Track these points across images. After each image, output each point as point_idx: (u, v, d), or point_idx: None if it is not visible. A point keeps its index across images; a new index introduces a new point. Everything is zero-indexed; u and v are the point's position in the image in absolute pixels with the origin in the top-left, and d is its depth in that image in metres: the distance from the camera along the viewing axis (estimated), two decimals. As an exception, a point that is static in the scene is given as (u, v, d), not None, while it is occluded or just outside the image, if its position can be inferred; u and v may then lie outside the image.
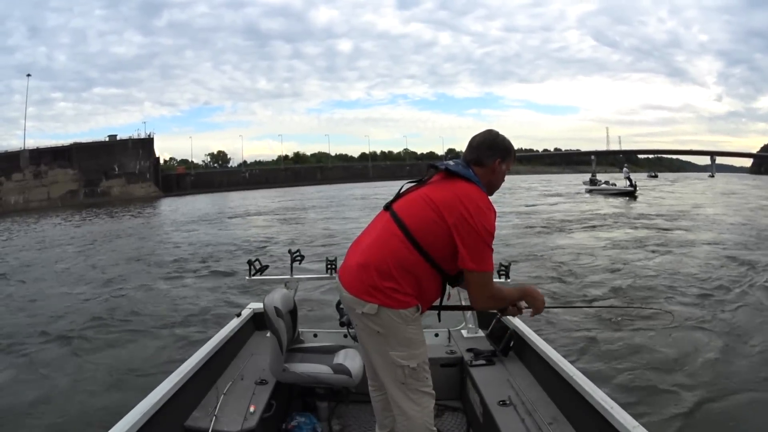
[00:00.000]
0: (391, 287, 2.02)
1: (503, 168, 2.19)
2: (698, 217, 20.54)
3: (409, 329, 2.08)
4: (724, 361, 5.31)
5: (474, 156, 2.17)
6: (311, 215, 28.16)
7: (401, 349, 2.09)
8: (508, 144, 2.21)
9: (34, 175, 69.70)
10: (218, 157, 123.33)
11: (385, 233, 2.09)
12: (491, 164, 2.16)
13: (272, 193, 61.67)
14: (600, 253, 12.25)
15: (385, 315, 2.05)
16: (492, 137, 2.20)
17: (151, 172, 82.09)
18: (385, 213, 2.18)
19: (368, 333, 2.13)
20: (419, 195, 2.11)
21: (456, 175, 2.09)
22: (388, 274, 2.02)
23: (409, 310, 2.06)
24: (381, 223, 2.16)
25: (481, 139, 2.20)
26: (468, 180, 2.08)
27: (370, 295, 2.04)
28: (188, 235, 20.59)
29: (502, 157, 2.17)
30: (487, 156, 2.15)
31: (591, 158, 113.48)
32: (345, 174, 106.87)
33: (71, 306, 8.82)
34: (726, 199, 33.79)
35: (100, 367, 5.66)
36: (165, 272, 11.86)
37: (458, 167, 2.10)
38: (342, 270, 2.22)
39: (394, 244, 2.05)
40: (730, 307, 7.28)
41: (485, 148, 2.17)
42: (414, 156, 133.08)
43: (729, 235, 15.09)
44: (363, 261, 2.09)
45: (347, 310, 2.21)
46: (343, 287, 2.15)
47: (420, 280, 2.06)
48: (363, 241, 2.19)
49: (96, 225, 28.67)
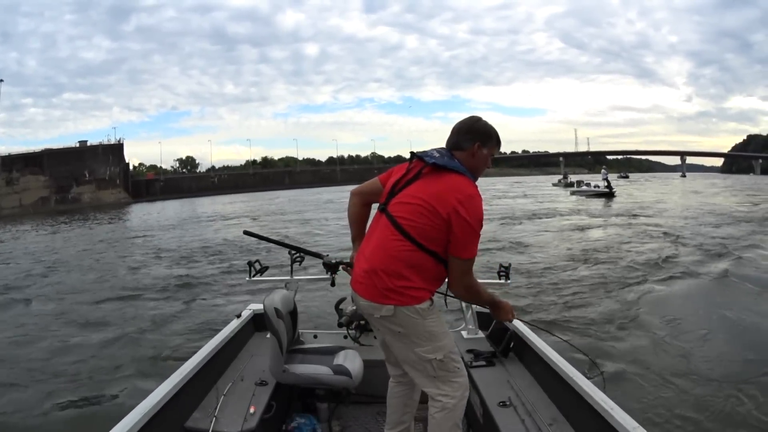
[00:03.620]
0: (403, 285, 2.05)
1: (484, 152, 2.18)
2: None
3: (427, 323, 2.10)
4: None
5: (454, 140, 2.18)
6: (287, 218, 28.16)
7: (425, 344, 2.11)
8: (489, 128, 2.21)
9: (6, 182, 68.09)
10: (187, 163, 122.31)
11: (385, 236, 2.11)
12: (470, 147, 2.15)
13: (242, 198, 61.39)
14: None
15: (401, 314, 2.07)
16: (472, 121, 2.22)
17: (121, 178, 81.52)
18: (380, 215, 2.19)
19: (390, 334, 2.16)
20: (411, 194, 2.11)
21: (443, 168, 2.09)
22: (396, 273, 2.05)
23: (424, 304, 2.08)
24: (379, 227, 2.17)
25: (461, 124, 2.22)
26: (456, 171, 2.08)
27: (385, 298, 2.07)
28: (171, 239, 20.47)
29: (482, 141, 2.16)
30: (466, 140, 2.16)
31: (560, 160, 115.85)
32: (313, 178, 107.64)
33: (67, 310, 8.70)
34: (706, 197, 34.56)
35: (98, 370, 5.58)
36: (159, 276, 11.73)
37: (444, 160, 2.10)
38: (353, 279, 2.25)
39: (395, 245, 2.07)
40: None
41: (464, 132, 2.18)
42: (381, 159, 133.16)
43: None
44: (370, 266, 2.11)
45: (366, 317, 2.25)
46: (358, 295, 2.18)
47: (427, 272, 2.08)
48: (366, 248, 2.20)
49: (76, 233, 27.98)
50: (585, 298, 7.92)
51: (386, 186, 2.27)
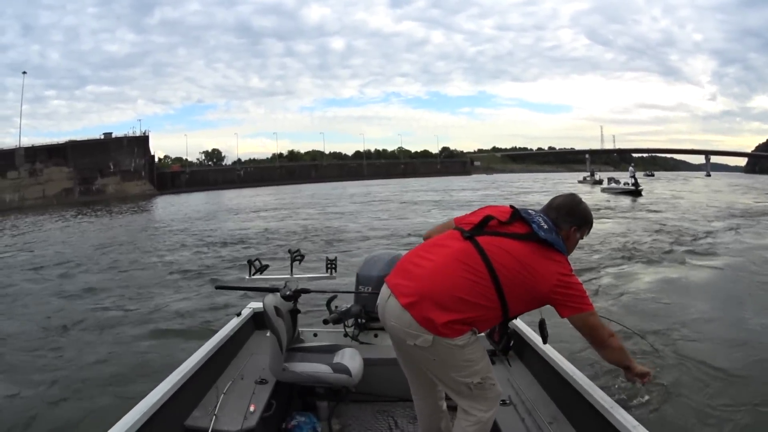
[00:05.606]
0: (449, 319, 1.91)
1: (577, 236, 2.16)
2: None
3: (465, 352, 1.98)
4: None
5: (552, 216, 2.12)
6: (315, 211, 28.31)
7: (461, 370, 2.01)
8: (588, 214, 2.19)
9: (29, 173, 69.46)
10: (212, 155, 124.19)
11: (460, 262, 1.96)
12: (567, 229, 2.11)
13: (267, 191, 61.60)
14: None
15: (439, 345, 1.94)
16: (574, 204, 2.18)
17: (146, 170, 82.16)
18: (464, 241, 2.03)
19: (422, 360, 2.05)
20: (513, 249, 1.98)
21: (550, 245, 1.99)
22: (448, 306, 1.91)
23: (464, 336, 1.96)
24: (455, 250, 2.02)
25: (563, 203, 2.17)
26: (561, 252, 2.01)
27: (425, 327, 1.92)
28: (197, 231, 20.65)
29: (578, 226, 2.14)
30: (565, 221, 2.11)
31: (585, 157, 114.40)
32: (340, 172, 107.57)
33: (64, 304, 8.84)
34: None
35: (97, 367, 5.63)
36: (173, 270, 11.84)
37: (552, 237, 2.00)
38: (391, 293, 2.05)
39: (467, 274, 1.93)
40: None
41: (564, 212, 2.13)
42: (408, 154, 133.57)
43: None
44: (421, 288, 1.96)
45: (393, 340, 2.14)
46: (390, 317, 2.04)
47: (481, 313, 1.96)
48: (422, 264, 2.04)
49: (98, 224, 28.42)
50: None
51: (474, 217, 2.15)
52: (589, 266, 10.16)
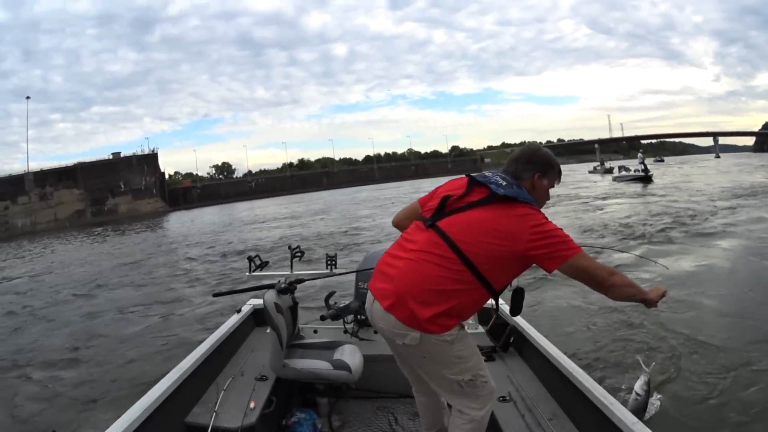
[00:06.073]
0: (433, 314, 1.87)
1: (544, 183, 2.06)
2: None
3: (455, 348, 1.95)
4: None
5: (512, 169, 2.06)
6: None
7: (452, 367, 1.98)
8: (549, 158, 2.09)
9: (39, 197, 70.26)
10: (223, 169, 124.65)
11: (428, 253, 1.91)
12: (530, 178, 2.04)
13: (278, 201, 61.86)
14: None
15: (428, 342, 1.91)
16: (531, 150, 2.11)
17: (157, 187, 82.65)
18: (427, 230, 1.98)
19: (413, 358, 2.04)
20: (476, 219, 1.91)
21: (513, 199, 1.91)
22: (427, 300, 1.87)
23: (452, 330, 1.92)
24: (421, 242, 1.97)
25: (520, 153, 2.11)
26: (525, 203, 1.91)
27: (410, 325, 1.90)
28: (212, 242, 20.90)
29: (542, 172, 2.05)
30: (526, 170, 2.04)
31: (595, 147, 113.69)
32: (351, 177, 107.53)
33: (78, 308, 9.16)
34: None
35: (100, 364, 5.71)
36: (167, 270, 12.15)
37: (513, 190, 1.92)
38: (374, 298, 2.03)
39: (439, 264, 1.88)
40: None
41: (523, 161, 2.06)
42: (418, 155, 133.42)
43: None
44: (397, 288, 1.92)
45: (386, 341, 2.10)
46: (378, 320, 2.01)
47: (467, 299, 1.92)
48: (395, 264, 2.00)
49: (112, 243, 28.78)
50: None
51: (433, 199, 2.09)
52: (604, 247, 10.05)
